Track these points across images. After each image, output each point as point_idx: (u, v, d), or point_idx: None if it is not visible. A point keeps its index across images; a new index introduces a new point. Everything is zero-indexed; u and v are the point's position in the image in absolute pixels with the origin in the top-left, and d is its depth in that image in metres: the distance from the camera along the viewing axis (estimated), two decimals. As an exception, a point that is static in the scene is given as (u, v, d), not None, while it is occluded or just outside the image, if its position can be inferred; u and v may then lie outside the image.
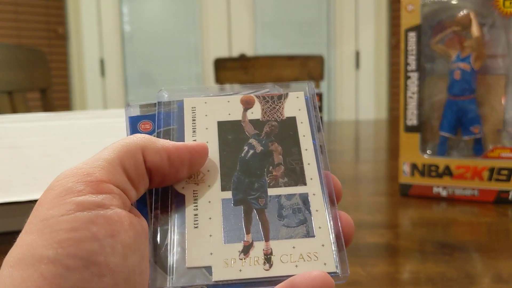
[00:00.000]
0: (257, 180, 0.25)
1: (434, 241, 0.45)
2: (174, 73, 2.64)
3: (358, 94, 2.63)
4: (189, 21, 2.61)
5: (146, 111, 0.27)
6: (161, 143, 0.24)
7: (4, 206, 0.46)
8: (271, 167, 0.26)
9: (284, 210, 0.24)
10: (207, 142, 0.26)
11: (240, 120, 0.27)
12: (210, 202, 0.24)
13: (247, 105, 0.28)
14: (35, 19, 2.43)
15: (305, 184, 0.25)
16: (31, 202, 0.45)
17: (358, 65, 2.63)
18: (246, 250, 0.23)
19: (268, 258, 0.23)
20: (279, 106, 0.28)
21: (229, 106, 0.28)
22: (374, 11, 2.59)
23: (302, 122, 0.27)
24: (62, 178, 0.21)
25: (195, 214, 0.24)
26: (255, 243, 0.23)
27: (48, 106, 1.30)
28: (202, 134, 0.27)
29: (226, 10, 2.58)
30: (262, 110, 0.28)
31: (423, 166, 0.59)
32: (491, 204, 0.56)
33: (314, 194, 0.25)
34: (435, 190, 0.59)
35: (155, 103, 0.28)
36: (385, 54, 2.62)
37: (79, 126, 0.58)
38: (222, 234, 0.23)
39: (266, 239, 0.23)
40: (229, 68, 1.67)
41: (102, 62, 2.58)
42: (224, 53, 2.57)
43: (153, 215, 0.24)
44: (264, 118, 0.28)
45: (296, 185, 0.25)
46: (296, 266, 0.22)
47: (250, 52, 2.58)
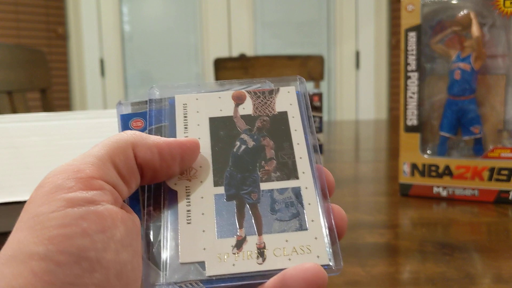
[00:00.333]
0: (249, 175, 0.25)
1: (434, 241, 0.45)
2: (174, 73, 2.64)
3: (358, 94, 2.63)
4: (189, 21, 2.61)
5: (138, 109, 0.28)
6: (152, 139, 0.24)
7: (4, 206, 0.46)
8: (263, 162, 0.26)
9: (276, 204, 0.24)
10: (199, 138, 0.26)
11: (231, 115, 0.27)
12: (202, 197, 0.24)
13: (239, 100, 0.28)
14: (35, 19, 2.43)
15: (297, 178, 0.25)
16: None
17: (358, 65, 2.63)
18: (239, 245, 0.23)
19: (261, 252, 0.23)
20: (270, 101, 0.28)
21: (220, 102, 0.28)
22: (374, 11, 2.59)
23: (293, 117, 0.28)
24: (52, 175, 0.21)
25: (188, 210, 0.24)
26: (248, 238, 0.23)
27: (48, 106, 1.30)
28: (193, 131, 0.27)
29: (226, 10, 2.58)
30: (254, 105, 0.28)
31: (423, 166, 0.59)
32: (491, 204, 0.56)
33: (306, 188, 0.25)
34: (435, 190, 0.59)
35: (146, 101, 0.28)
36: (385, 54, 2.62)
37: (79, 126, 0.58)
38: (215, 229, 0.23)
39: (259, 233, 0.23)
40: (229, 68, 1.67)
41: (102, 62, 2.58)
42: (224, 53, 2.57)
43: (145, 212, 0.24)
44: (255, 113, 0.28)
45: (288, 179, 0.25)
46: (289, 259, 0.23)
47: (250, 52, 2.58)
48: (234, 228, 0.23)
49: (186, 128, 0.27)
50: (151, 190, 0.24)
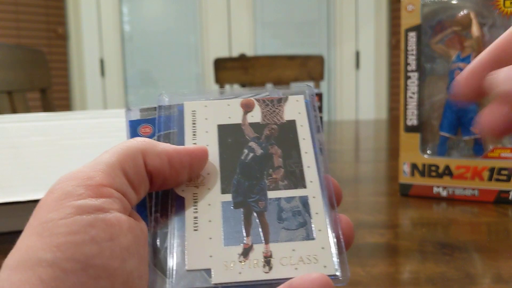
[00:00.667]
0: (257, 183, 0.25)
1: (434, 241, 0.45)
2: (174, 73, 2.64)
3: (358, 94, 2.63)
4: (189, 21, 2.61)
5: (146, 115, 0.28)
6: (161, 147, 0.24)
7: (4, 206, 0.46)
8: (271, 170, 0.26)
9: (284, 212, 0.24)
10: (207, 146, 0.26)
11: (240, 123, 0.27)
12: (210, 205, 0.24)
13: (247, 108, 0.28)
14: (35, 19, 2.43)
15: (305, 187, 0.25)
16: (31, 202, 0.45)
17: (358, 65, 2.63)
18: (245, 253, 0.23)
19: (267, 260, 0.23)
20: (279, 110, 0.28)
21: (229, 109, 0.28)
22: (374, 11, 2.59)
23: (302, 125, 0.28)
24: (62, 182, 0.21)
25: (195, 217, 0.24)
26: (255, 246, 0.23)
27: (48, 106, 1.30)
28: (202, 138, 0.27)
29: (226, 10, 2.58)
30: (262, 113, 0.28)
31: (423, 166, 0.59)
32: (491, 204, 0.56)
33: (314, 197, 0.25)
34: (435, 190, 0.59)
35: (155, 107, 0.28)
36: (385, 54, 2.62)
37: (79, 126, 0.58)
38: (222, 236, 0.23)
39: (266, 242, 0.23)
40: (229, 68, 1.67)
41: (102, 62, 2.58)
42: (224, 53, 2.57)
43: (152, 218, 0.24)
44: (264, 121, 0.28)
45: (296, 188, 0.25)
46: (296, 268, 0.22)
47: (250, 52, 2.58)
48: (241, 236, 0.23)
49: (194, 135, 0.27)
50: (159, 197, 0.24)
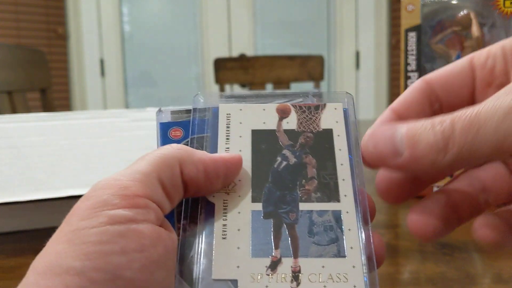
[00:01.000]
0: (289, 193, 0.24)
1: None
2: (174, 73, 2.64)
3: (358, 94, 2.63)
4: (189, 21, 2.61)
5: (177, 118, 0.27)
6: (198, 156, 0.23)
7: (4, 206, 0.46)
8: (304, 181, 0.25)
9: (315, 226, 0.23)
10: (240, 151, 0.26)
11: (274, 129, 0.27)
12: (239, 213, 0.24)
13: (283, 114, 0.27)
14: (35, 19, 2.43)
15: (338, 201, 0.24)
16: (31, 202, 0.45)
17: (358, 65, 2.63)
18: (273, 266, 0.22)
19: (296, 276, 0.22)
20: (316, 117, 0.27)
21: (264, 114, 0.27)
22: (374, 11, 2.59)
23: (339, 135, 0.26)
24: (98, 189, 0.21)
25: (224, 225, 0.23)
26: (284, 259, 0.22)
27: (48, 106, 1.30)
28: (235, 142, 0.26)
29: (226, 10, 2.58)
30: (298, 120, 0.27)
31: (423, 166, 0.59)
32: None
33: (347, 212, 0.24)
34: (436, 190, 0.59)
35: (186, 110, 0.27)
36: (385, 54, 2.62)
37: (79, 126, 0.58)
38: (250, 247, 0.23)
39: (295, 256, 0.22)
40: (229, 68, 1.67)
41: (102, 62, 2.58)
42: (224, 53, 2.57)
43: (181, 225, 0.23)
44: (299, 128, 0.27)
45: (329, 201, 0.24)
46: (324, 286, 0.22)
47: (250, 52, 2.58)
48: (269, 248, 0.23)
49: (228, 139, 0.26)
50: (188, 204, 0.24)
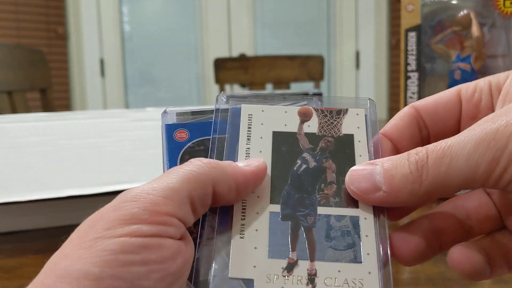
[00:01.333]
0: (307, 196, 0.24)
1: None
2: (174, 73, 2.64)
3: (358, 94, 2.63)
4: (189, 21, 2.61)
5: (183, 119, 0.27)
6: (231, 173, 0.23)
7: (4, 206, 0.46)
8: (323, 185, 0.25)
9: (332, 231, 0.23)
10: (260, 152, 0.26)
11: (295, 132, 0.27)
12: (258, 213, 0.24)
13: (305, 117, 0.27)
14: (35, 19, 2.43)
15: (357, 206, 0.24)
16: (31, 202, 0.45)
17: (358, 65, 2.63)
18: (290, 268, 0.22)
19: (311, 279, 0.22)
20: (337, 122, 0.27)
21: (286, 116, 0.27)
22: (374, 11, 2.59)
23: (359, 141, 0.26)
24: (128, 200, 0.21)
25: (242, 224, 0.23)
26: (300, 262, 0.22)
27: (48, 106, 1.30)
28: (256, 143, 0.26)
29: (226, 10, 2.58)
30: (319, 124, 0.27)
31: (423, 166, 0.59)
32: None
33: (365, 219, 0.24)
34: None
35: (192, 111, 0.27)
36: (385, 54, 2.62)
37: (79, 126, 0.58)
38: (267, 248, 0.23)
39: (312, 259, 0.22)
40: (229, 68, 1.67)
41: (102, 62, 2.58)
42: (224, 53, 2.57)
43: (198, 236, 0.23)
44: (320, 132, 0.27)
45: (347, 206, 0.24)
46: None
47: (250, 52, 2.58)
48: (286, 249, 0.23)
49: (249, 139, 0.26)
50: (206, 214, 0.24)
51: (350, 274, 0.22)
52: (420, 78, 0.60)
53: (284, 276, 0.22)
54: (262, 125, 0.27)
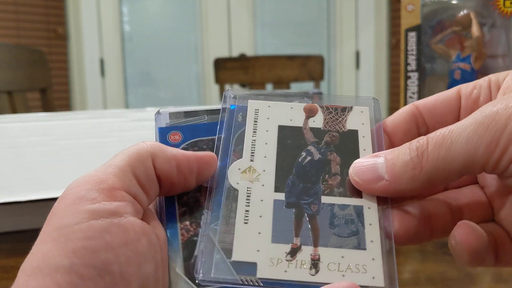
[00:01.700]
0: (311, 186, 0.25)
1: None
2: (174, 73, 2.64)
3: (358, 94, 2.63)
4: (189, 21, 2.61)
5: (176, 121, 0.28)
6: (170, 152, 0.24)
7: (4, 206, 0.46)
8: (327, 176, 0.25)
9: (336, 219, 0.24)
10: (266, 144, 0.26)
11: (301, 126, 0.27)
12: (262, 200, 0.24)
13: (310, 113, 0.28)
14: (35, 19, 2.43)
15: (360, 196, 0.25)
16: (31, 202, 0.45)
17: (358, 65, 2.63)
18: (293, 253, 0.23)
19: (315, 263, 0.22)
20: (342, 118, 0.28)
21: (291, 112, 0.28)
22: (374, 11, 2.59)
23: (364, 136, 0.27)
24: (74, 186, 0.21)
25: (246, 211, 0.24)
26: (303, 247, 0.23)
27: (48, 106, 1.30)
28: (262, 136, 0.27)
29: (226, 10, 2.58)
30: (324, 120, 0.28)
31: (423, 166, 0.59)
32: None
33: (369, 208, 0.24)
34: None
35: (185, 112, 0.28)
36: (385, 54, 2.62)
37: (79, 126, 0.58)
38: (271, 233, 0.23)
39: (315, 245, 0.23)
40: (229, 68, 1.67)
41: (102, 62, 2.58)
42: (224, 53, 2.57)
43: (182, 226, 0.24)
44: (325, 127, 0.27)
45: (351, 196, 0.25)
46: (343, 275, 0.22)
47: (250, 52, 2.58)
48: (290, 235, 0.23)
49: (255, 132, 0.27)
50: (188, 205, 0.25)
51: (353, 260, 0.23)
52: (420, 78, 0.60)
53: (287, 260, 0.22)
54: (268, 119, 0.28)
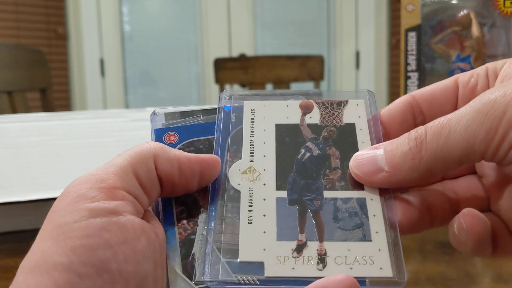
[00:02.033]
0: (313, 181, 0.25)
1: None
2: (174, 73, 2.64)
3: (358, 94, 2.62)
4: (189, 21, 2.61)
5: (172, 122, 0.28)
6: (173, 153, 0.24)
7: (4, 206, 0.46)
8: (328, 171, 0.26)
9: (340, 213, 0.24)
10: (264, 143, 0.27)
11: (298, 123, 0.28)
12: (265, 199, 0.24)
13: (306, 110, 0.28)
14: (35, 19, 2.43)
15: (362, 189, 0.25)
16: (31, 202, 0.45)
17: (358, 65, 2.63)
18: (299, 249, 0.23)
19: (322, 258, 0.22)
20: (338, 113, 0.28)
21: (287, 110, 0.28)
22: (374, 11, 2.59)
23: (361, 129, 0.27)
24: (75, 185, 0.21)
25: (250, 211, 0.24)
26: (309, 243, 0.23)
27: (48, 106, 1.30)
28: (259, 135, 0.27)
29: (226, 10, 2.58)
30: (321, 115, 0.28)
31: (423, 166, 0.59)
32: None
33: (372, 200, 0.24)
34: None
35: (181, 112, 0.28)
36: (385, 54, 2.62)
37: (79, 126, 0.58)
38: (276, 231, 0.23)
39: (321, 240, 0.23)
40: (229, 68, 1.67)
41: (102, 62, 2.58)
42: (224, 53, 2.57)
43: (179, 225, 0.24)
44: (322, 123, 0.28)
45: (353, 189, 0.25)
46: (350, 268, 0.22)
47: (250, 52, 2.58)
48: (295, 232, 0.23)
49: (252, 132, 0.27)
50: (185, 204, 0.25)
51: (360, 252, 0.22)
52: (420, 78, 0.60)
53: (294, 257, 0.22)
54: (265, 118, 0.28)
